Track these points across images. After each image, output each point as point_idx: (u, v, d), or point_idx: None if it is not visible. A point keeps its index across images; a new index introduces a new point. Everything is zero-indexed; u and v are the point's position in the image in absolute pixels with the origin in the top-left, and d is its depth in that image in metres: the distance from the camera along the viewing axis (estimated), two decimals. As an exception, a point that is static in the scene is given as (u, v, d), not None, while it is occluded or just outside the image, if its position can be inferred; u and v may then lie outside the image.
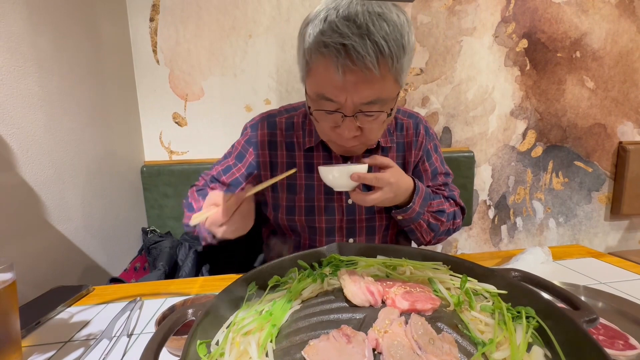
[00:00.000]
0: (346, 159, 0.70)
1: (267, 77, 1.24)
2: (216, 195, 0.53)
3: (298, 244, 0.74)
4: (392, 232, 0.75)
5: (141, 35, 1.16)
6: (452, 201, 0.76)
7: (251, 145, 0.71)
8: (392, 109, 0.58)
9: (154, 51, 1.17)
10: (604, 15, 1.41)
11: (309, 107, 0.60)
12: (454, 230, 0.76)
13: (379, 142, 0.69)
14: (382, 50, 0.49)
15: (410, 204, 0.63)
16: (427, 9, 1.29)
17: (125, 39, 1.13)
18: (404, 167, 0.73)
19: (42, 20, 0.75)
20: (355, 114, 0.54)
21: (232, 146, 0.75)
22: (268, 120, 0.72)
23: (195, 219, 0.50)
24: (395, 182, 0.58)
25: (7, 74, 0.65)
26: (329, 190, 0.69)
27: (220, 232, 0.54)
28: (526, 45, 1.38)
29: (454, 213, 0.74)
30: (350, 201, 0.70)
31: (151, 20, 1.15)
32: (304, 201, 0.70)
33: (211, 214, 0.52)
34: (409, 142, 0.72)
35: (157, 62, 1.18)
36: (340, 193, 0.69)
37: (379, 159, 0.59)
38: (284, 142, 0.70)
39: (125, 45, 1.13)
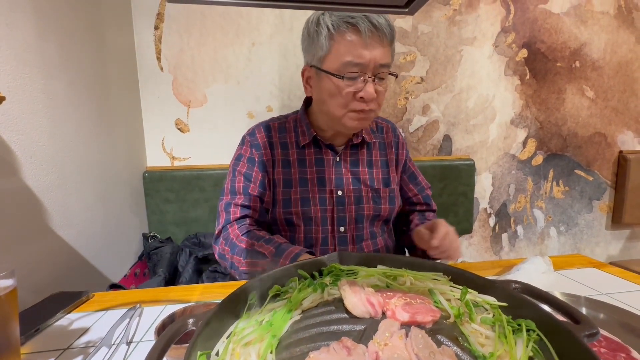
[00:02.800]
0: (335, 151, 0.78)
1: (269, 85, 1.25)
2: None
3: (294, 236, 0.78)
4: (379, 222, 0.81)
5: (146, 43, 1.17)
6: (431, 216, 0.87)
7: (254, 147, 0.79)
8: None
9: (158, 58, 1.19)
10: (602, 26, 1.43)
11: (325, 85, 0.70)
12: None
13: (364, 137, 0.79)
14: (387, 24, 0.65)
15: None
16: (428, 18, 1.31)
17: (130, 46, 1.15)
18: (387, 163, 0.83)
19: (49, 28, 0.76)
20: (373, 75, 0.66)
21: (238, 157, 0.79)
22: (263, 125, 0.82)
23: None
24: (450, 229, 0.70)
25: (13, 81, 0.66)
26: (321, 182, 0.77)
27: None
28: (526, 55, 1.40)
29: None
30: (339, 192, 0.77)
31: (156, 28, 1.17)
32: (299, 193, 0.76)
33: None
34: (389, 142, 0.84)
35: (161, 69, 1.19)
36: (331, 185, 0.77)
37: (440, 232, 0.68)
38: (279, 143, 0.79)
39: (130, 52, 1.15)
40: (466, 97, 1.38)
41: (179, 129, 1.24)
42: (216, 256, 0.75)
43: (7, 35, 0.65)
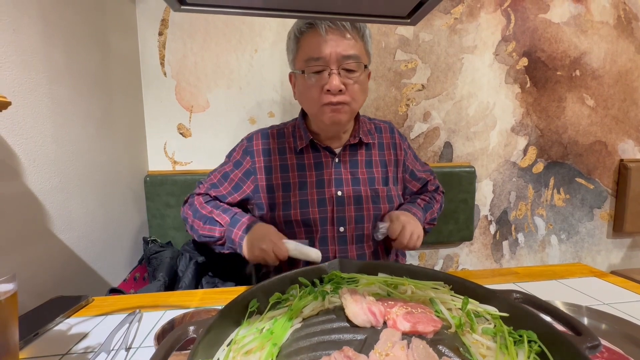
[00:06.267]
0: (333, 152, 0.80)
1: (271, 91, 1.26)
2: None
3: (294, 238, 0.78)
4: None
5: (150, 49, 1.19)
6: (438, 193, 0.93)
7: (248, 154, 0.81)
8: (365, 76, 0.73)
9: (162, 64, 1.20)
10: (602, 35, 1.44)
11: (299, 85, 0.74)
12: None
13: (361, 138, 0.81)
14: (352, 23, 0.68)
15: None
16: (429, 27, 1.32)
17: (134, 52, 1.16)
18: (386, 163, 0.84)
19: (55, 33, 0.77)
20: (338, 68, 0.68)
21: (229, 155, 0.85)
22: (262, 132, 0.84)
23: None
24: (406, 220, 0.74)
25: (19, 86, 0.67)
26: (320, 185, 0.78)
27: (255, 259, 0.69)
28: (526, 64, 1.41)
29: (440, 205, 0.91)
30: (339, 193, 0.79)
31: (160, 34, 1.19)
32: (299, 196, 0.78)
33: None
34: (387, 143, 0.86)
35: (164, 74, 1.20)
36: (330, 186, 0.79)
37: (394, 229, 0.72)
38: (277, 148, 0.81)
39: (134, 58, 1.16)
40: (467, 105, 1.39)
41: (181, 133, 1.25)
42: (181, 217, 0.83)
43: (14, 40, 0.66)
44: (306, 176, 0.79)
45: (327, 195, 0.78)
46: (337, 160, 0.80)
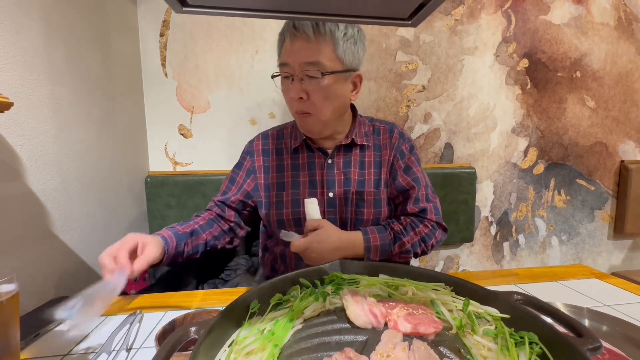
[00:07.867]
0: (325, 153, 0.80)
1: (272, 92, 1.26)
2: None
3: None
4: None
5: (151, 50, 1.19)
6: (425, 224, 0.78)
7: (248, 154, 0.84)
8: (332, 82, 0.69)
9: (163, 65, 1.20)
10: (603, 37, 1.44)
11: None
12: (437, 244, 0.80)
13: (353, 139, 0.79)
14: (319, 24, 0.65)
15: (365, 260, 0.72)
16: (429, 28, 1.33)
17: (135, 53, 1.17)
18: (380, 164, 0.80)
19: (56, 35, 0.77)
20: (300, 74, 0.67)
21: (234, 165, 0.87)
22: (262, 134, 0.87)
23: None
24: (321, 239, 0.68)
25: (20, 87, 0.67)
26: (312, 185, 0.79)
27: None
28: (527, 65, 1.41)
29: (423, 237, 0.77)
30: (330, 194, 0.78)
31: (161, 35, 1.19)
32: (291, 196, 0.79)
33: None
34: (384, 144, 0.83)
35: (165, 75, 1.21)
36: (322, 187, 0.79)
37: (310, 225, 0.68)
38: (274, 149, 0.83)
39: (135, 59, 1.16)
40: (467, 106, 1.39)
41: (181, 134, 1.25)
42: None
43: (16, 41, 0.66)
44: (299, 176, 0.79)
45: (319, 196, 0.78)
46: (329, 161, 0.79)
